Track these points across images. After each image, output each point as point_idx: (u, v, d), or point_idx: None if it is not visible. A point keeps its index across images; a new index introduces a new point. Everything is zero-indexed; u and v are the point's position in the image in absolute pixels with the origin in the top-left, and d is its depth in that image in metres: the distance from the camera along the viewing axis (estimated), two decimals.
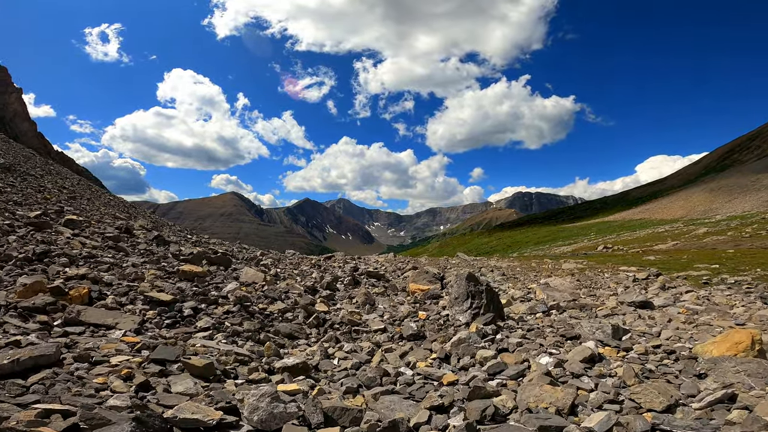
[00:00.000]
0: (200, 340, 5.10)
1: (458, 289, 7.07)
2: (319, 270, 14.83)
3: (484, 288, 6.99)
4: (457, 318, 6.89)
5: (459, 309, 6.92)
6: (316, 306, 8.07)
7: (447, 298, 11.25)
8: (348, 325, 7.12)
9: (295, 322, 7.09)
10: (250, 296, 7.72)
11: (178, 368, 3.90)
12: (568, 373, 4.53)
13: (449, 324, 6.92)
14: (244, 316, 6.61)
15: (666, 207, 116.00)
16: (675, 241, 50.40)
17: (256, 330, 6.29)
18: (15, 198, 14.20)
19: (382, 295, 10.72)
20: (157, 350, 4.10)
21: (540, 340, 5.96)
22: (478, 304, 6.77)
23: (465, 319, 6.74)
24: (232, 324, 6.32)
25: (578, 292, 14.24)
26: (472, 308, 6.76)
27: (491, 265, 26.05)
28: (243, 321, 6.45)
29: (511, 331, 6.49)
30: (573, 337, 5.99)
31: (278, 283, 10.64)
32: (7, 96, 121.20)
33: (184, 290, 7.55)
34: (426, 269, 14.63)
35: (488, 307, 6.78)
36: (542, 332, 6.35)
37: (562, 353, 5.29)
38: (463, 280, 7.07)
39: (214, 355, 4.49)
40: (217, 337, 5.61)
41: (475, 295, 6.88)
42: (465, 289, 6.95)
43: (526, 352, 5.32)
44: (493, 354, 4.93)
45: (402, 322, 7.19)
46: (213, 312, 6.74)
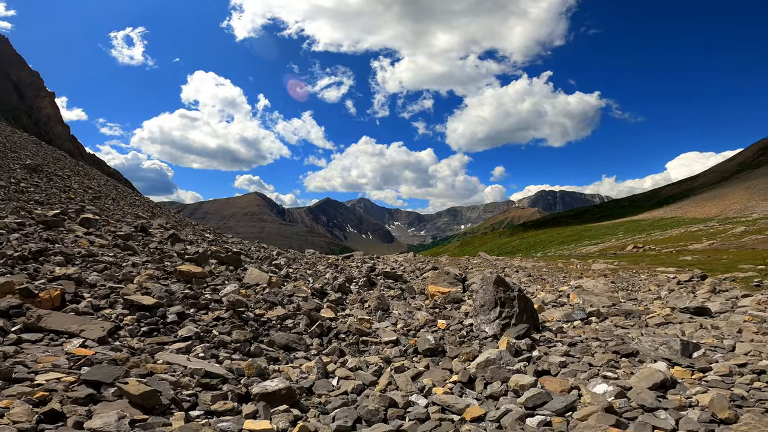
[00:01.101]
0: (169, 354, 4.24)
1: (484, 295, 6.00)
2: (335, 270, 14.00)
3: (515, 294, 5.90)
4: (483, 329, 5.84)
5: (485, 318, 5.86)
6: (321, 312, 7.16)
7: (470, 302, 10.16)
8: (355, 335, 6.17)
9: (294, 330, 6.19)
10: (247, 300, 6.87)
11: (114, 393, 3.05)
12: (635, 406, 3.44)
13: (473, 336, 5.87)
14: (235, 324, 5.75)
15: (699, 205, 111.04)
16: (711, 241, 47.52)
17: (247, 340, 5.42)
18: (37, 197, 14.09)
19: (398, 298, 9.74)
20: (92, 370, 3.26)
21: (588, 358, 4.85)
22: (509, 313, 5.70)
23: (492, 330, 5.68)
24: (220, 333, 5.47)
25: (616, 296, 12.88)
26: (501, 318, 5.69)
27: (515, 265, 24.68)
28: (233, 329, 5.59)
29: (550, 346, 5.39)
30: (629, 354, 4.86)
31: (285, 284, 9.82)
32: (40, 100, 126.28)
33: (174, 293, 6.77)
34: (447, 270, 13.55)
35: (521, 316, 5.70)
36: (588, 348, 5.23)
37: (621, 377, 4.18)
38: (491, 285, 6.01)
39: (175, 376, 3.62)
40: (195, 350, 4.75)
41: (504, 302, 5.81)
42: (493, 295, 5.88)
43: (573, 375, 4.24)
44: (532, 381, 3.87)
45: (418, 333, 6.18)
46: (200, 318, 5.91)
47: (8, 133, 32.65)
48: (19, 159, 21.46)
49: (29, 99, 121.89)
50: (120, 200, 23.51)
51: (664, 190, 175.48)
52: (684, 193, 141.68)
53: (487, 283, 6.13)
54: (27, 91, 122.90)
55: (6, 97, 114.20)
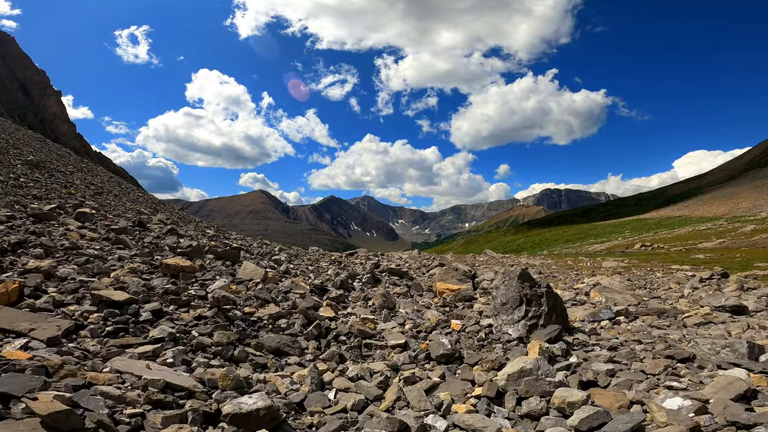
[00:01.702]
0: (126, 360, 3.46)
1: (507, 291, 5.18)
2: (338, 267, 13.24)
3: (543, 290, 5.07)
4: (506, 331, 5.02)
5: (508, 318, 5.04)
6: (320, 310, 6.37)
7: (482, 300, 9.35)
8: (358, 337, 5.37)
9: (288, 331, 5.40)
10: (236, 297, 6.09)
11: (24, 410, 2.28)
12: (725, 423, 2.65)
13: (493, 339, 5.05)
14: (218, 324, 4.97)
15: (707, 204, 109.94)
16: (721, 239, 46.46)
17: (231, 343, 4.63)
18: (35, 192, 13.65)
19: (405, 296, 8.93)
20: (3, 378, 2.49)
21: (637, 364, 4.02)
22: (536, 312, 4.88)
23: (517, 332, 4.87)
24: (200, 334, 4.70)
25: (638, 294, 12.03)
26: (526, 318, 4.87)
27: (523, 263, 23.83)
28: (215, 330, 4.81)
29: (587, 350, 4.56)
30: (685, 358, 4.03)
31: (283, 280, 9.06)
32: (46, 99, 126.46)
33: (154, 288, 6.00)
34: (455, 266, 12.72)
35: (550, 316, 4.88)
36: (634, 352, 4.39)
37: (688, 386, 3.37)
38: (514, 281, 5.18)
39: (122, 388, 2.85)
40: (165, 354, 3.97)
41: (531, 300, 4.99)
42: (517, 291, 5.06)
43: (628, 387, 3.42)
44: (582, 396, 3.03)
45: (429, 335, 5.37)
46: (179, 317, 5.14)
47: (12, 130, 32.27)
48: (21, 155, 21.04)
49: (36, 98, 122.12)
50: (122, 196, 23.07)
51: (671, 188, 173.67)
52: (691, 192, 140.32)
53: (509, 278, 5.30)
54: (33, 89, 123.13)
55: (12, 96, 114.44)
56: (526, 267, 18.00)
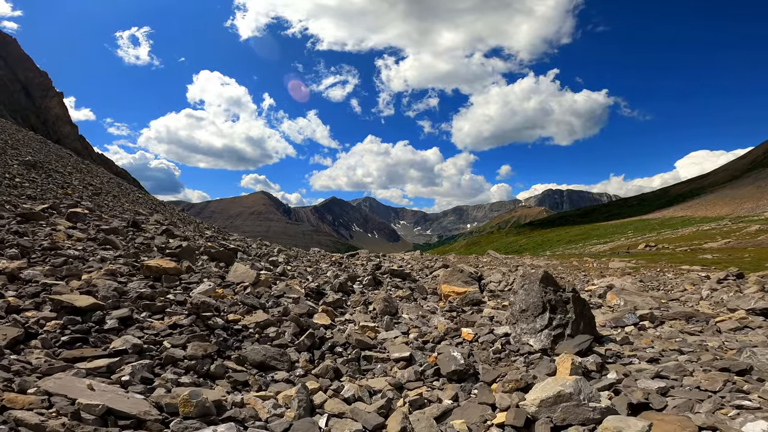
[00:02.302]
0: (66, 378, 2.82)
1: (527, 297, 4.51)
2: (338, 268, 12.62)
3: (569, 295, 4.41)
4: (526, 341, 4.37)
5: (528, 327, 4.39)
6: (314, 317, 5.72)
7: (491, 304, 8.69)
8: (356, 348, 4.73)
9: (277, 341, 4.75)
10: (220, 303, 5.45)
11: None
12: None
13: (512, 351, 4.39)
14: (195, 333, 4.33)
15: (710, 204, 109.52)
16: (726, 240, 45.84)
17: (208, 356, 3.99)
18: (30, 192, 13.19)
19: (408, 299, 8.28)
20: None
21: (688, 379, 3.38)
22: (562, 320, 4.22)
23: (540, 343, 4.22)
24: (173, 345, 4.06)
25: (656, 296, 11.36)
26: (551, 327, 4.22)
27: (527, 264, 23.15)
28: (191, 340, 4.17)
29: (624, 363, 3.90)
30: (743, 370, 3.39)
31: (277, 283, 8.43)
32: (48, 100, 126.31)
33: (127, 292, 5.36)
34: (460, 268, 12.05)
35: (577, 324, 4.22)
36: (680, 365, 3.72)
37: (761, 405, 2.72)
38: (536, 284, 4.51)
39: (45, 415, 2.22)
40: (122, 369, 3.34)
41: (555, 306, 4.33)
42: (539, 296, 4.40)
43: (688, 408, 2.78)
44: (644, 427, 2.37)
45: (437, 346, 4.71)
46: (151, 325, 4.50)
47: (12, 131, 31.83)
48: (20, 155, 20.59)
49: (38, 99, 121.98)
50: (121, 197, 22.60)
51: (674, 188, 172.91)
52: (694, 192, 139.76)
53: (530, 281, 4.63)
54: (35, 91, 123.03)
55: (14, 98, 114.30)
56: (516, 271, 17.26)
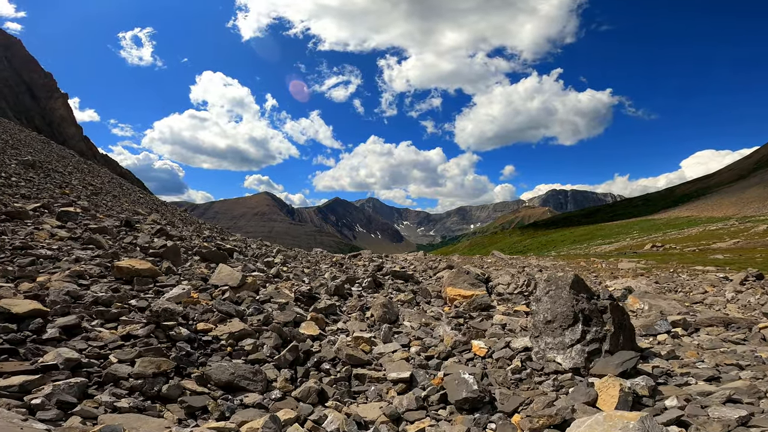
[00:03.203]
0: None
1: (554, 305, 3.71)
2: (339, 269, 11.88)
3: (607, 303, 3.61)
4: (552, 357, 3.58)
5: (555, 342, 3.60)
6: (301, 326, 4.95)
7: (500, 308, 7.92)
8: (347, 365, 3.96)
9: (253, 356, 4.00)
10: (191, 309, 4.69)
11: None
12: None
13: (534, 370, 3.61)
14: (150, 346, 3.58)
15: (716, 204, 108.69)
16: (735, 239, 44.91)
17: (162, 373, 3.25)
18: (24, 192, 12.72)
19: (410, 303, 7.49)
20: None
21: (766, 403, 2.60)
22: (598, 333, 3.43)
23: (570, 361, 3.43)
24: (120, 360, 3.32)
25: (679, 299, 10.54)
26: (584, 341, 3.43)
27: (533, 264, 22.34)
28: (144, 354, 3.42)
29: (679, 383, 3.13)
30: None
31: (266, 286, 7.69)
32: (53, 101, 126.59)
33: (82, 297, 4.62)
34: (466, 269, 11.27)
35: (616, 338, 3.44)
36: (753, 386, 2.93)
37: None
38: (564, 291, 3.70)
39: None
40: (41, 390, 2.60)
41: (590, 316, 3.54)
42: (569, 305, 3.59)
43: None
44: None
45: (444, 363, 3.93)
46: (99, 336, 3.76)
47: (15, 131, 31.45)
48: (19, 155, 20.13)
49: (43, 100, 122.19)
50: (122, 197, 22.14)
51: (679, 188, 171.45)
52: (700, 192, 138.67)
53: (557, 286, 3.82)
54: (40, 92, 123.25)
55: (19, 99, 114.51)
56: (523, 272, 16.45)
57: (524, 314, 7.57)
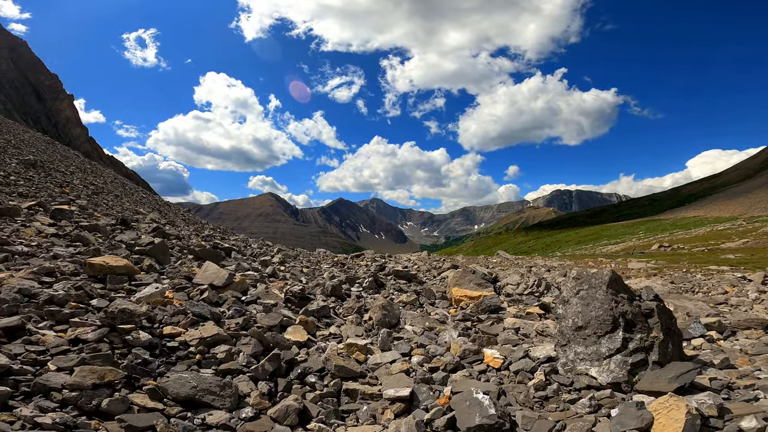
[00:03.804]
0: None
1: (586, 307, 3.04)
2: (339, 269, 11.30)
3: (653, 306, 2.95)
4: (584, 370, 2.94)
5: (588, 351, 2.95)
6: (287, 331, 4.33)
7: (511, 310, 7.28)
8: (336, 378, 3.34)
9: (225, 365, 3.38)
10: (160, 311, 4.09)
11: None
12: None
13: (562, 385, 2.97)
14: (98, 353, 2.98)
15: (723, 204, 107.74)
16: (744, 239, 44.06)
17: (107, 384, 2.65)
18: (22, 190, 12.39)
19: (413, 305, 6.86)
20: None
21: None
22: (643, 341, 2.78)
23: (608, 375, 2.78)
24: (60, 368, 2.74)
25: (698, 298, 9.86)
26: (626, 351, 2.77)
27: (540, 264, 21.67)
28: (89, 362, 2.83)
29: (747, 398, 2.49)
30: None
31: (257, 286, 7.11)
32: (59, 103, 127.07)
33: (36, 296, 4.04)
34: (472, 269, 10.60)
35: (665, 347, 2.80)
36: None
37: None
38: (600, 290, 3.03)
39: None
40: None
41: (633, 321, 2.87)
42: (607, 307, 2.92)
43: None
44: None
45: (452, 377, 3.29)
46: (42, 339, 3.17)
47: (19, 131, 31.22)
48: (21, 154, 19.83)
49: (49, 102, 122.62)
50: (124, 197, 21.81)
51: (686, 188, 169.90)
52: (706, 192, 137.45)
53: (590, 285, 3.14)
54: (46, 93, 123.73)
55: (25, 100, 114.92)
56: (530, 272, 15.72)
57: (538, 317, 6.92)
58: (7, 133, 26.53)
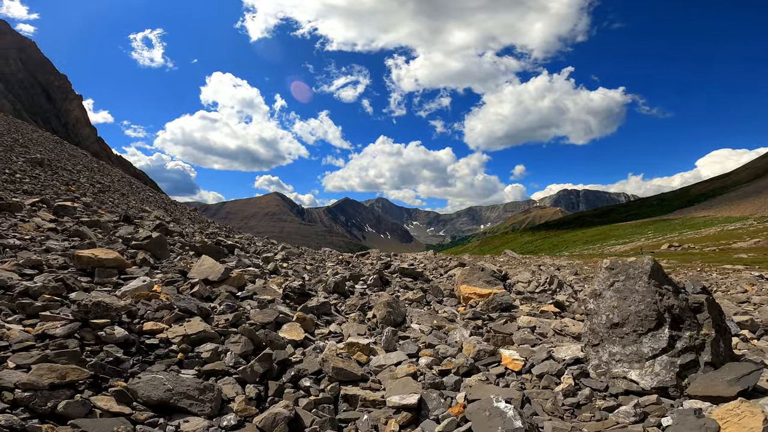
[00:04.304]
0: None
1: (623, 301, 2.60)
2: (344, 267, 10.95)
3: (702, 299, 2.53)
4: (622, 372, 2.52)
5: (627, 352, 2.53)
6: (283, 328, 3.96)
7: (524, 309, 6.86)
8: (334, 382, 2.95)
9: (210, 365, 3.02)
10: (144, 306, 3.73)
11: None
12: None
13: (596, 390, 2.56)
14: (64, 350, 2.62)
15: (733, 203, 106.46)
16: (755, 239, 43.29)
17: (68, 385, 2.30)
18: (26, 188, 12.31)
19: (419, 303, 6.45)
20: None
21: None
22: (694, 339, 2.36)
23: (653, 378, 2.36)
24: (18, 365, 2.40)
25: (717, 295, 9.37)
26: (674, 352, 2.36)
27: (548, 263, 21.22)
28: (50, 359, 2.47)
29: None
30: None
31: (255, 282, 6.76)
32: (68, 103, 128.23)
33: (12, 288, 3.71)
34: (480, 266, 10.17)
35: (716, 345, 2.39)
36: None
37: None
38: (641, 281, 2.60)
39: None
40: None
41: (680, 316, 2.45)
42: (649, 301, 2.50)
43: None
44: None
45: (466, 382, 2.88)
46: (6, 334, 2.82)
47: (27, 131, 31.34)
48: (28, 153, 19.80)
49: (58, 102, 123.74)
50: (130, 195, 21.74)
51: (695, 188, 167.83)
52: (716, 191, 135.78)
53: (628, 276, 2.69)
54: (56, 94, 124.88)
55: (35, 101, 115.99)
56: (539, 271, 15.23)
57: (553, 315, 6.51)
58: (16, 132, 26.56)
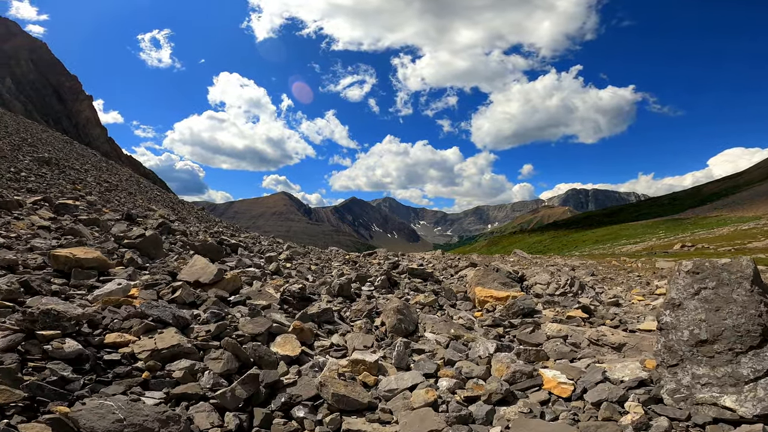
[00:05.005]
0: None
1: (715, 313, 1.99)
2: (350, 267, 10.39)
3: None
4: (711, 399, 1.92)
5: (719, 374, 1.92)
6: (275, 342, 3.38)
7: (548, 314, 6.25)
8: (334, 412, 2.38)
9: (182, 388, 2.45)
10: (111, 312, 3.18)
11: None
12: None
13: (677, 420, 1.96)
14: (2, 367, 2.08)
15: (746, 203, 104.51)
16: None
17: None
18: (31, 186, 12.09)
19: (432, 308, 5.84)
20: None
21: None
22: None
23: (756, 405, 1.76)
24: None
25: None
26: None
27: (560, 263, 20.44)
28: None
29: None
30: None
31: (253, 284, 6.22)
32: (78, 103, 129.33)
33: None
34: (495, 266, 9.53)
35: None
36: None
37: None
38: (740, 288, 1.98)
39: None
40: None
41: None
42: (753, 313, 1.92)
43: None
44: None
45: (500, 412, 2.28)
46: None
47: (37, 130, 31.33)
48: (36, 152, 19.64)
49: (69, 103, 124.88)
50: (137, 194, 21.55)
51: (707, 187, 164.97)
52: (729, 191, 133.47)
53: (720, 281, 2.05)
54: (66, 94, 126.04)
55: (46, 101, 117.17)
56: (550, 271, 14.47)
57: (582, 321, 5.87)
58: (24, 132, 26.45)
